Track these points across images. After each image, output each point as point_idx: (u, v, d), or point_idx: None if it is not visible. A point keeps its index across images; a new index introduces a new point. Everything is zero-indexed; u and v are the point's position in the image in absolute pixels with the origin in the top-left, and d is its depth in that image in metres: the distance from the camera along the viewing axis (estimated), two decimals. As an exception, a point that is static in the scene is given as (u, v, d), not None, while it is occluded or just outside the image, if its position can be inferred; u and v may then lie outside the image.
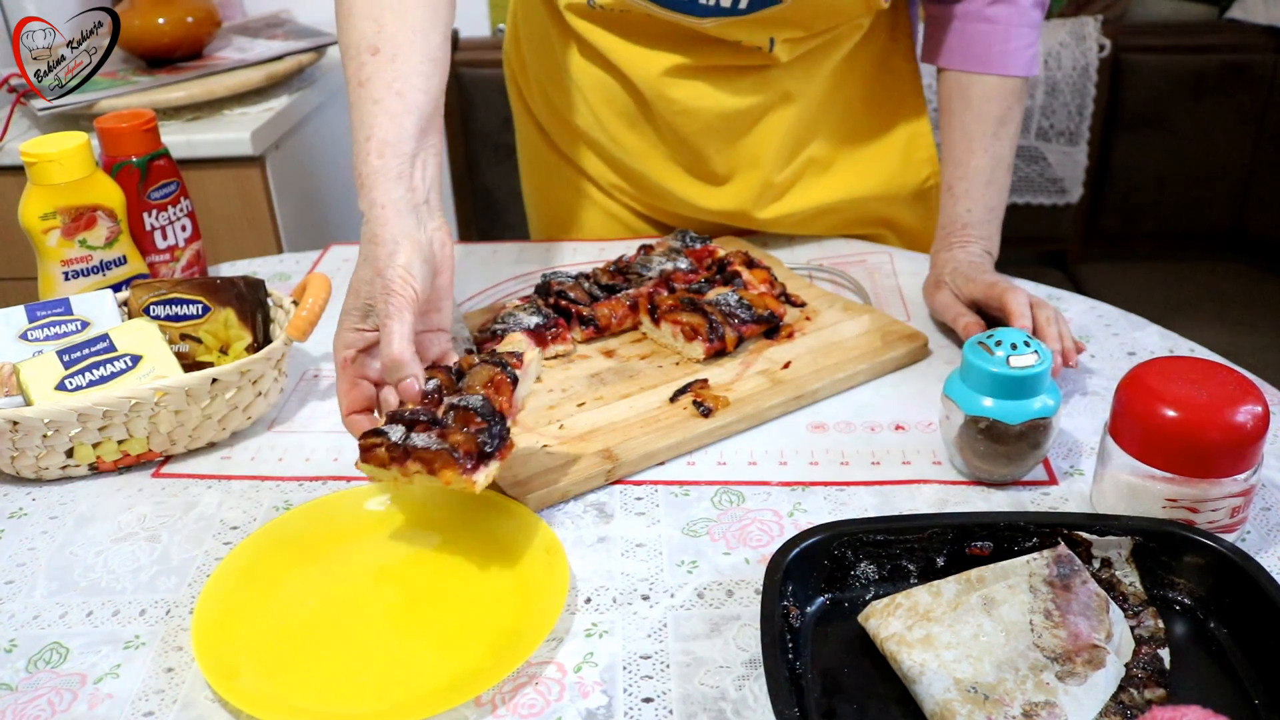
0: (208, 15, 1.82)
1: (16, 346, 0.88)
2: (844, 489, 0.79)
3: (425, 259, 0.74)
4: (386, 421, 0.70)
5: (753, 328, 0.93)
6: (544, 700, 0.63)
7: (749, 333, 0.93)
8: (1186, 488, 0.68)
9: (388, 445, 0.67)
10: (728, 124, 1.08)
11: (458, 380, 0.72)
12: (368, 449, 0.68)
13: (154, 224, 1.05)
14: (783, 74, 1.06)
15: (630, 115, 1.11)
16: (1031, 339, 0.76)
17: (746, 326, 0.92)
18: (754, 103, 1.07)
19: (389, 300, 0.71)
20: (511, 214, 2.19)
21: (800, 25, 1.01)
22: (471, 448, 0.66)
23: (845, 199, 1.16)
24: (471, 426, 0.67)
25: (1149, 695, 0.59)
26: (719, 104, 1.06)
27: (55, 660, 0.66)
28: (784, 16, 0.99)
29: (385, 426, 0.69)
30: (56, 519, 0.79)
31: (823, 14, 1.01)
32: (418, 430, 0.68)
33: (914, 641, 0.61)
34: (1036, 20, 1.02)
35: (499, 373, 0.71)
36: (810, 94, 1.09)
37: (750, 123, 1.09)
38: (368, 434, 0.69)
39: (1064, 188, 2.10)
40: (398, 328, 0.70)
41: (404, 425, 0.69)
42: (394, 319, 0.70)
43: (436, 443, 0.66)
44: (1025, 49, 1.02)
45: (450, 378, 0.72)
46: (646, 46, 1.05)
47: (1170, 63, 2.04)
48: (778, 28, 1.00)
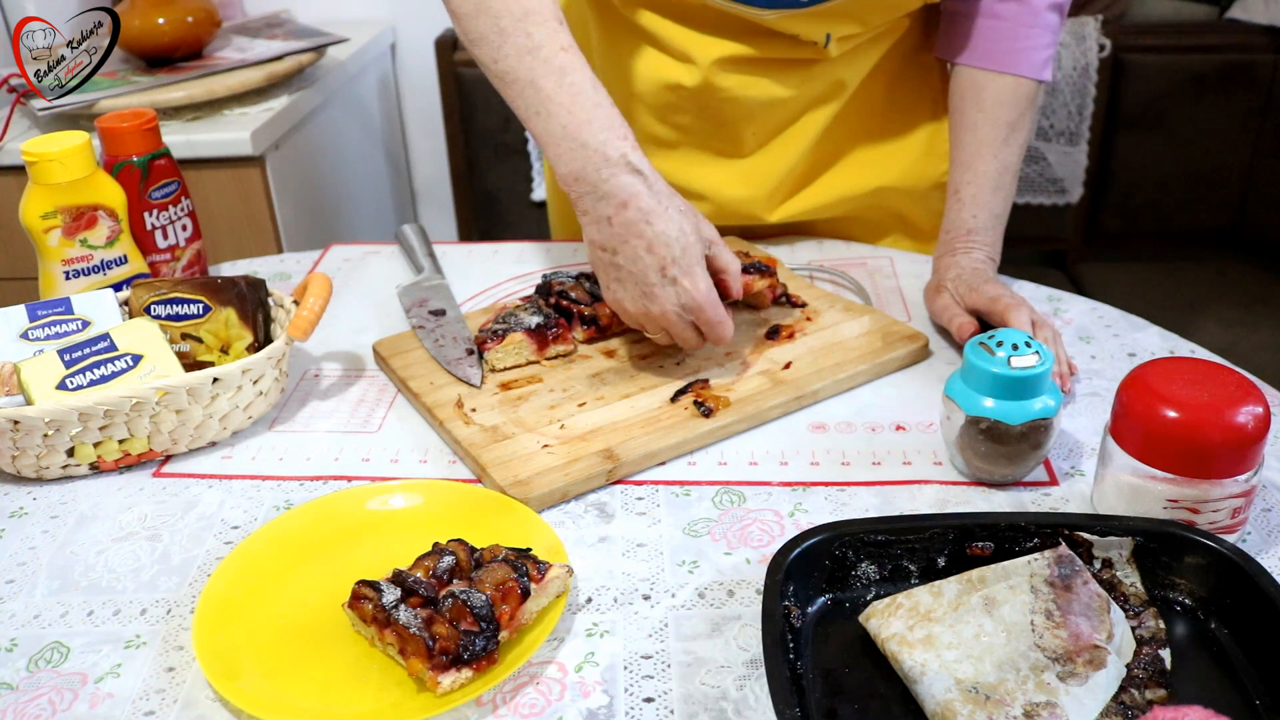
0: (208, 15, 1.81)
1: (17, 346, 0.88)
2: (845, 489, 0.79)
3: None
4: (389, 578, 0.67)
5: (751, 277, 0.96)
6: (545, 700, 0.63)
7: (749, 284, 0.96)
8: (1187, 488, 0.68)
9: (375, 606, 0.64)
10: (770, 111, 1.09)
11: (474, 567, 0.67)
12: (358, 598, 0.65)
13: (155, 223, 1.05)
14: (830, 68, 1.07)
15: (663, 107, 1.10)
16: (1032, 339, 0.76)
17: (746, 276, 0.95)
18: (800, 94, 1.08)
19: (713, 243, 0.85)
20: (512, 214, 2.19)
21: (858, 20, 1.02)
22: (450, 648, 0.61)
23: (862, 190, 1.16)
24: (462, 624, 0.63)
25: (1150, 696, 0.59)
26: (766, 93, 1.07)
27: (56, 659, 0.66)
28: (844, 10, 1.00)
29: (384, 584, 0.66)
30: (57, 518, 0.79)
31: (879, 7, 1.02)
32: (410, 603, 0.64)
33: (915, 641, 0.61)
34: (1051, 23, 1.02)
35: (514, 580, 0.65)
36: (852, 87, 1.10)
37: (794, 112, 1.10)
38: (364, 583, 0.66)
39: (1064, 188, 2.09)
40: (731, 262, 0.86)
41: (402, 590, 0.65)
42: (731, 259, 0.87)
43: (420, 627, 0.62)
44: (1037, 50, 1.01)
45: (468, 557, 0.68)
46: (702, 34, 1.05)
47: (1170, 63, 2.04)
48: (836, 22, 1.01)
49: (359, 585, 0.66)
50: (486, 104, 2.07)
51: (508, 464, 0.79)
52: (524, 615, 0.65)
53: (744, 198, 1.14)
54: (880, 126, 1.15)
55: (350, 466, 0.83)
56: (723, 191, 1.13)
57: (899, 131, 1.16)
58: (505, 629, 0.64)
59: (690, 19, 1.04)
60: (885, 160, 1.16)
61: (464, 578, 0.66)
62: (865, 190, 1.16)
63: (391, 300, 1.07)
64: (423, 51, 2.25)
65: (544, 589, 0.66)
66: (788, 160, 1.12)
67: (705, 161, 1.13)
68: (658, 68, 1.08)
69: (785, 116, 1.10)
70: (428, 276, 1.08)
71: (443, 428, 0.85)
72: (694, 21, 1.04)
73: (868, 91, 1.12)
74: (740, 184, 1.13)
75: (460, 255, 1.17)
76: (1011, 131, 1.01)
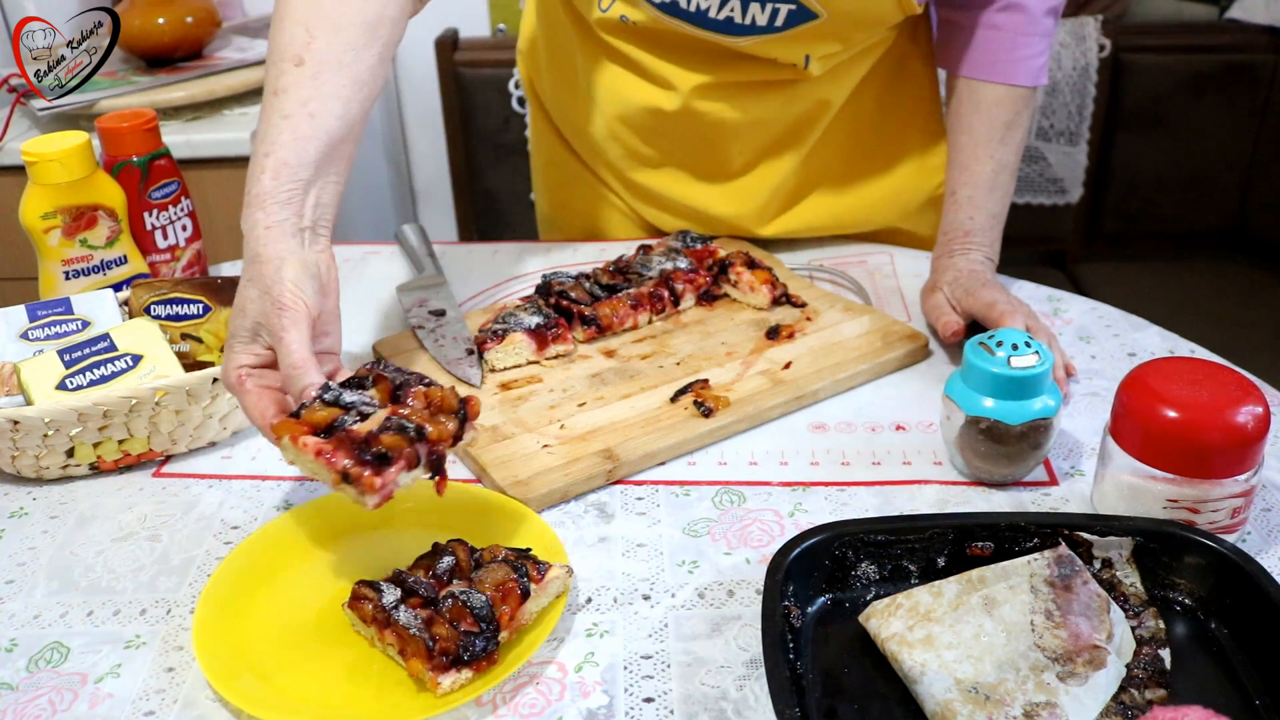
0: (208, 15, 1.82)
1: (17, 346, 0.88)
2: (845, 489, 0.79)
3: (312, 276, 0.72)
4: (389, 578, 0.66)
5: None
6: (545, 700, 0.63)
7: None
8: (1187, 488, 0.68)
9: (375, 606, 0.64)
10: (755, 131, 1.08)
11: (474, 568, 0.67)
12: (358, 598, 0.65)
13: (154, 224, 1.05)
14: (813, 87, 1.05)
15: (648, 129, 1.09)
16: (1032, 340, 0.76)
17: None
18: (784, 114, 1.06)
19: (282, 314, 0.69)
20: (512, 214, 2.19)
21: (838, 39, 0.99)
22: (450, 648, 0.61)
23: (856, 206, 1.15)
24: (462, 625, 0.62)
25: (1150, 695, 0.59)
26: (749, 115, 1.05)
27: (56, 660, 0.66)
28: (821, 31, 0.97)
29: (384, 585, 0.65)
30: (57, 518, 0.79)
31: (858, 25, 0.99)
32: (411, 603, 0.64)
33: (915, 642, 0.61)
34: (1048, 29, 1.01)
35: (514, 581, 0.65)
36: (838, 103, 1.08)
37: (779, 132, 1.08)
38: (364, 583, 0.65)
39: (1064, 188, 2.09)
40: (295, 336, 0.68)
41: (402, 591, 0.65)
42: (289, 330, 0.68)
43: (420, 627, 0.62)
44: (1033, 58, 1.01)
45: (468, 557, 0.68)
46: (678, 63, 1.03)
47: (1170, 63, 2.04)
48: (815, 43, 0.99)
49: (359, 585, 0.66)
50: (486, 104, 2.07)
51: (507, 464, 0.79)
52: (524, 615, 0.65)
53: (733, 214, 1.13)
54: (871, 140, 1.14)
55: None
56: (712, 207, 1.13)
57: (891, 144, 1.15)
58: (505, 629, 0.64)
59: (667, 46, 1.03)
60: (878, 175, 1.15)
61: (464, 578, 0.66)
62: (858, 206, 1.15)
63: (391, 300, 1.07)
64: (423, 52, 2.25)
65: (544, 589, 0.66)
66: (775, 178, 1.11)
67: (693, 180, 1.13)
68: (639, 93, 1.07)
69: (771, 136, 1.09)
70: (428, 276, 1.08)
71: (443, 428, 0.85)
72: (671, 48, 1.03)
73: (856, 106, 1.11)
74: (729, 201, 1.12)
75: (460, 255, 1.17)
76: (1008, 130, 1.01)
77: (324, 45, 0.76)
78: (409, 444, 0.64)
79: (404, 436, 0.64)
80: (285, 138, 0.73)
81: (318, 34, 0.76)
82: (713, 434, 0.84)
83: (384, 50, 0.80)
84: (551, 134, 1.23)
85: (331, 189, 0.76)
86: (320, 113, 0.75)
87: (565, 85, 1.15)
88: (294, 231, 0.73)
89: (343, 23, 0.77)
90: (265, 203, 0.73)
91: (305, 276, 0.71)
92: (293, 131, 0.74)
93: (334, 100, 0.76)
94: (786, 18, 0.95)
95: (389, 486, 0.63)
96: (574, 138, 1.20)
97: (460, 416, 0.67)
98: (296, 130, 0.74)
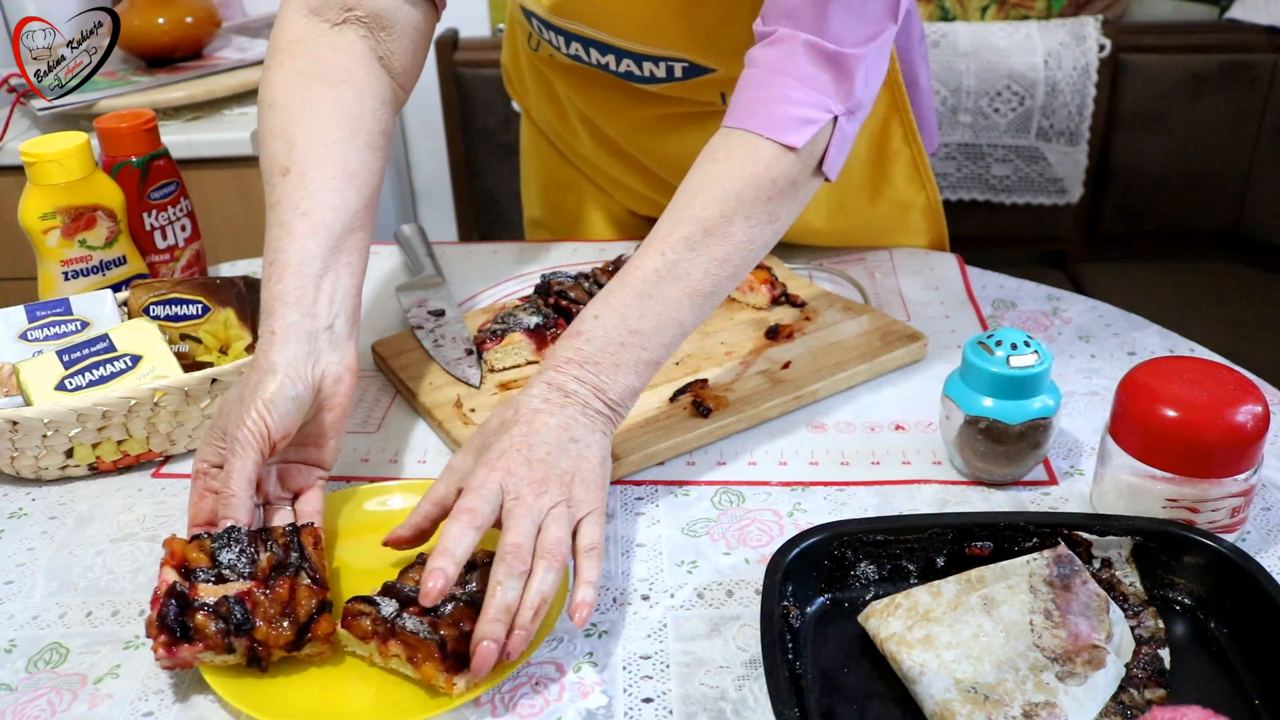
0: (208, 15, 1.82)
1: (16, 346, 0.88)
2: (844, 489, 0.79)
3: (297, 395, 0.70)
4: (381, 592, 0.65)
5: None
6: (544, 700, 0.63)
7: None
8: (1187, 488, 0.68)
9: (375, 619, 0.62)
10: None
11: (467, 571, 0.66)
12: (353, 615, 0.63)
13: (154, 224, 1.05)
14: None
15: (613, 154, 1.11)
16: (1032, 339, 0.76)
17: None
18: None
19: (236, 435, 0.68)
20: (512, 214, 2.19)
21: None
22: (463, 648, 0.60)
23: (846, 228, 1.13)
24: (466, 626, 0.61)
25: (1149, 695, 0.59)
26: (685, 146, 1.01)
27: (55, 660, 0.66)
28: (723, 78, 0.96)
29: (379, 598, 0.64)
30: (56, 519, 0.79)
31: None
32: (411, 612, 0.63)
33: (914, 641, 0.61)
34: (812, 78, 0.74)
35: None
36: None
37: None
38: (357, 599, 0.64)
39: (1064, 188, 2.09)
40: (238, 465, 0.67)
41: (398, 601, 0.64)
42: (236, 458, 0.67)
43: (427, 630, 0.61)
44: (789, 105, 0.73)
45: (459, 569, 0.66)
46: (609, 99, 1.04)
47: (1170, 63, 2.03)
48: (722, 86, 0.98)
49: (351, 604, 0.64)
50: (486, 104, 2.07)
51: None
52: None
53: None
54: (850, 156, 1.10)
55: (349, 467, 0.83)
56: None
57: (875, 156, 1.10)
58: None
59: (596, 84, 1.03)
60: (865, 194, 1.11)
61: (460, 581, 0.66)
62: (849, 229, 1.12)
63: (391, 300, 1.07)
64: (422, 52, 2.25)
65: None
66: None
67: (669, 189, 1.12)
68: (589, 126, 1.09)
69: None
70: (427, 276, 1.08)
71: (442, 428, 0.85)
72: (600, 86, 1.03)
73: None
74: None
75: (460, 255, 1.17)
76: (707, 234, 0.73)
77: (305, 150, 0.76)
78: (221, 636, 0.61)
79: (223, 625, 0.61)
80: (285, 243, 0.73)
81: (297, 141, 0.76)
82: (712, 434, 0.84)
83: (370, 140, 0.79)
84: (542, 140, 1.23)
85: (346, 281, 0.75)
86: (313, 210, 0.74)
87: (547, 100, 1.16)
88: (306, 335, 0.72)
89: (320, 125, 0.77)
90: (275, 307, 0.72)
91: (285, 396, 0.69)
92: (290, 235, 0.73)
93: (325, 194, 0.75)
94: (683, 71, 0.96)
95: (178, 661, 0.61)
96: (565, 149, 1.21)
97: (301, 629, 0.63)
98: (293, 232, 0.74)
